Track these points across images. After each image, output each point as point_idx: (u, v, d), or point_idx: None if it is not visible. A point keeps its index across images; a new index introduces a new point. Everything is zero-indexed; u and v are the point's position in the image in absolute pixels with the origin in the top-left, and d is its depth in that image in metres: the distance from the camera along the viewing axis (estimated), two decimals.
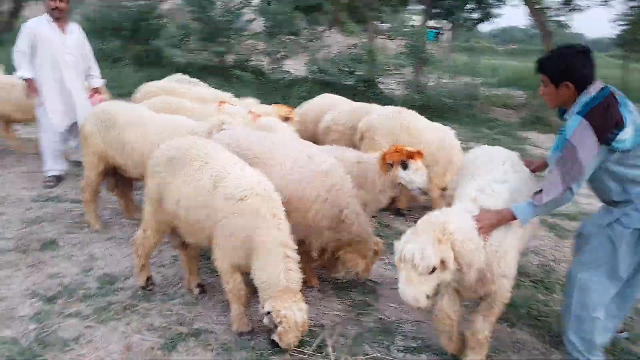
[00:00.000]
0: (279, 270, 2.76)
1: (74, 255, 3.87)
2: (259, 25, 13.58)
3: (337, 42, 13.24)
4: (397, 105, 10.46)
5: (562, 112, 2.75)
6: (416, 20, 14.09)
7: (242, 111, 4.72)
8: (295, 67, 12.80)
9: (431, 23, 16.13)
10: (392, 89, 12.33)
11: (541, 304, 3.70)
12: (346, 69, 11.46)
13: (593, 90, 2.53)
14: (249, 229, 2.81)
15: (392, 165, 3.43)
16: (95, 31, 13.01)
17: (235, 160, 3.07)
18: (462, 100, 11.11)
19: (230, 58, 12.80)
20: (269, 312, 2.76)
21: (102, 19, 12.80)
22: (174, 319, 3.17)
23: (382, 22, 14.12)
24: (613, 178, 2.59)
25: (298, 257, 2.89)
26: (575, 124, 2.46)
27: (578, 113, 2.49)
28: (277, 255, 2.79)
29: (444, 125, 5.14)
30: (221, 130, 3.78)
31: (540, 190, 2.56)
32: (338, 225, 3.33)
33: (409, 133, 4.82)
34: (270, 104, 5.92)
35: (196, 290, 3.46)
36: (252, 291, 2.95)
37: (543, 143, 9.57)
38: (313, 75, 11.47)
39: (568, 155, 2.46)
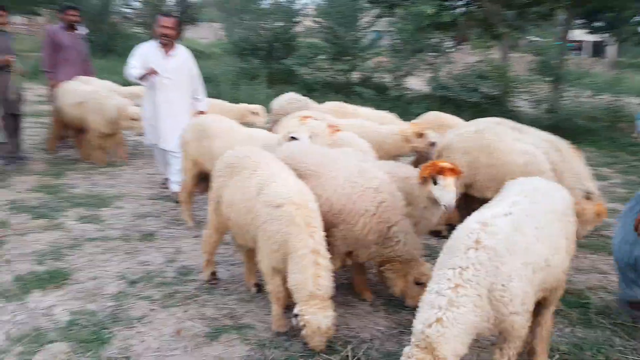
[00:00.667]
0: (308, 276, 2.89)
1: (165, 247, 4.44)
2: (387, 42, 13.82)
3: (462, 58, 12.87)
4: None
5: None
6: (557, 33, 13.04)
7: (322, 126, 4.94)
8: (419, 84, 12.72)
9: (576, 34, 14.70)
10: (520, 107, 11.58)
11: (614, 351, 3.28)
12: (470, 85, 11.08)
13: None
14: (284, 235, 2.99)
15: (425, 179, 3.34)
16: (239, 52, 14.54)
17: (282, 170, 3.28)
18: (600, 121, 9.99)
19: (354, 75, 13.21)
20: (296, 315, 2.91)
21: (244, 41, 14.17)
22: (226, 312, 3.47)
23: (518, 38, 13.35)
24: None
25: (330, 266, 2.99)
26: None
27: None
28: (307, 261, 2.92)
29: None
30: (290, 140, 4.06)
31: None
32: (385, 241, 3.35)
33: (488, 153, 4.57)
34: None
35: (253, 289, 3.74)
36: None
37: None
38: (434, 91, 11.30)
39: None
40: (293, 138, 4.16)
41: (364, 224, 3.31)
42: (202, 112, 5.59)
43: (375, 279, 3.81)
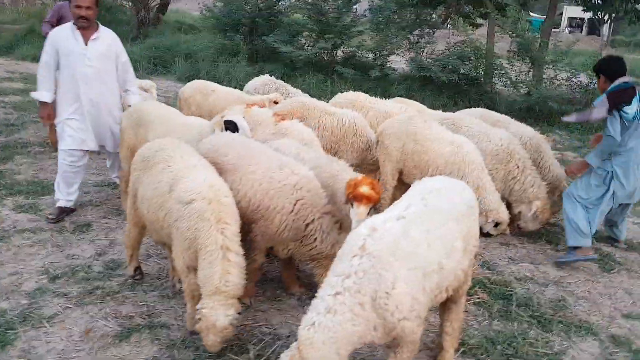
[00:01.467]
0: (214, 272, 2.79)
1: (98, 239, 4.33)
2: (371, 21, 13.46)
3: (443, 38, 12.57)
4: (500, 107, 9.74)
5: None
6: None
7: (267, 113, 4.79)
8: (401, 64, 12.46)
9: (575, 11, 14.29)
10: (499, 89, 11.38)
11: (526, 344, 3.26)
12: (450, 66, 10.82)
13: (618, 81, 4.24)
14: (195, 231, 2.88)
15: (347, 197, 3.16)
16: (221, 28, 14.18)
17: (197, 164, 3.15)
18: (576, 104, 9.81)
19: (337, 54, 12.92)
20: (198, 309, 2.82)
21: (227, 16, 13.81)
22: (144, 310, 3.39)
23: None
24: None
25: (242, 263, 2.90)
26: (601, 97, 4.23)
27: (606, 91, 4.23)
28: (215, 257, 2.82)
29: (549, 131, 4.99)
30: (222, 129, 3.92)
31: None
32: (303, 238, 3.25)
33: (415, 141, 4.52)
34: None
35: (178, 285, 3.64)
36: None
37: None
38: (414, 72, 11.05)
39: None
40: (229, 123, 4.00)
41: (280, 221, 3.21)
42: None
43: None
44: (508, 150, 4.81)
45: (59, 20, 6.75)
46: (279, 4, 14.16)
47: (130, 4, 18.96)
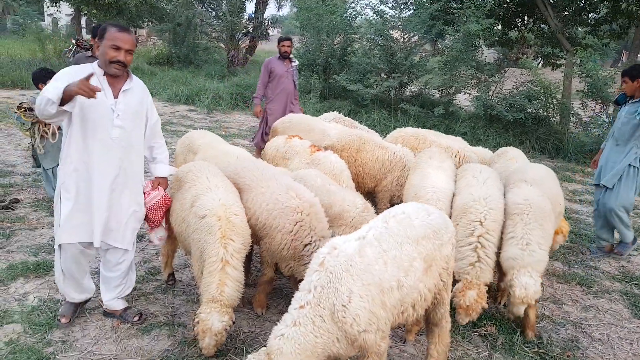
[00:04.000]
0: (212, 281, 3.19)
1: (148, 248, 4.94)
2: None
3: (514, 76, 12.42)
4: (568, 147, 9.43)
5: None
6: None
7: (305, 144, 5.22)
8: (467, 102, 12.48)
9: None
10: (569, 130, 11.00)
11: None
12: (517, 105, 10.71)
13: None
14: (203, 243, 3.32)
15: None
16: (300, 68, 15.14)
17: (218, 184, 3.61)
18: None
19: (404, 92, 13.25)
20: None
21: (303, 57, 14.73)
22: (169, 310, 3.88)
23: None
24: None
25: (239, 278, 3.28)
26: None
27: None
28: (215, 268, 3.22)
29: None
30: None
31: None
32: (300, 258, 3.56)
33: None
34: None
35: None
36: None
37: None
38: (477, 110, 11.04)
39: None
40: None
41: (280, 239, 3.55)
42: (162, 180, 3.76)
43: None
44: None
45: (269, 77, 7.67)
46: (353, 44, 14.89)
47: (223, 46, 20.79)
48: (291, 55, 7.85)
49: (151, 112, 3.60)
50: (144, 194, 3.63)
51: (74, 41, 20.72)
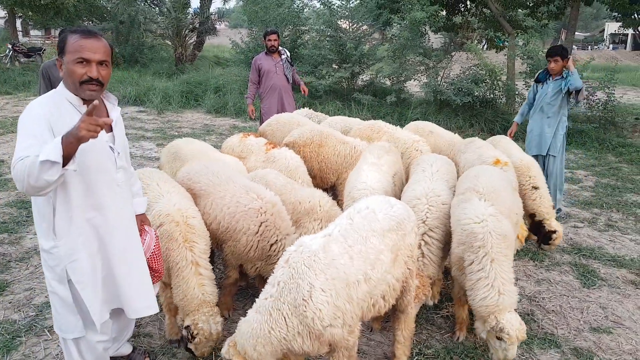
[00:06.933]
0: (192, 286, 3.18)
1: None
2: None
3: (459, 61, 12.78)
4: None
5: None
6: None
7: (260, 142, 5.21)
8: (417, 88, 12.74)
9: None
10: (515, 111, 11.43)
11: (484, 355, 3.42)
12: (464, 90, 11.02)
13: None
14: (166, 251, 3.27)
15: None
16: (248, 62, 14.97)
17: (169, 191, 3.57)
18: (593, 122, 9.79)
19: (356, 82, 13.39)
20: (187, 326, 3.17)
21: (252, 51, 14.58)
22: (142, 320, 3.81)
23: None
24: None
25: (212, 275, 3.31)
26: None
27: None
28: (188, 273, 3.21)
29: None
30: None
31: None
32: (268, 258, 3.59)
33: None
34: None
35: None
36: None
37: None
38: (429, 96, 11.31)
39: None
40: None
41: (246, 241, 3.56)
42: (144, 217, 3.03)
43: None
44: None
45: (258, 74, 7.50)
46: (302, 36, 14.87)
47: (169, 42, 20.33)
48: (280, 48, 7.62)
49: (125, 138, 2.78)
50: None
51: (10, 46, 19.85)
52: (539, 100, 6.02)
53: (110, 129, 2.56)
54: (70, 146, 2.02)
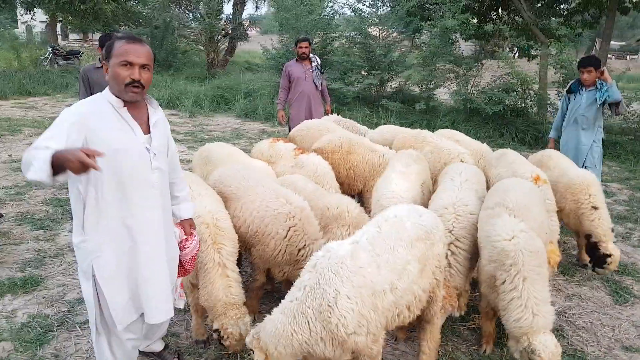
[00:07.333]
0: (218, 287, 3.24)
1: None
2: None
3: (490, 70, 12.62)
4: (545, 137, 9.60)
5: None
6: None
7: (289, 147, 5.26)
8: (447, 96, 12.64)
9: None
10: (547, 120, 11.22)
11: None
12: (495, 98, 10.88)
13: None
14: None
15: None
16: (278, 68, 15.12)
17: (201, 193, 3.64)
18: (628, 133, 9.53)
19: (384, 88, 13.37)
20: (216, 330, 3.22)
21: (283, 57, 14.73)
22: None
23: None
24: None
25: (238, 277, 3.36)
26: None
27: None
28: (215, 274, 3.27)
29: None
30: None
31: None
32: (295, 262, 3.61)
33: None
34: None
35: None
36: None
37: None
38: (457, 104, 11.21)
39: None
40: None
41: (275, 245, 3.59)
42: (189, 226, 3.11)
43: None
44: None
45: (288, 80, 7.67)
46: (332, 43, 14.95)
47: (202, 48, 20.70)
48: (311, 55, 7.67)
49: (171, 143, 2.87)
50: (180, 243, 3.02)
51: (50, 49, 20.57)
52: (572, 111, 5.84)
53: (148, 130, 2.62)
54: (60, 163, 2.03)
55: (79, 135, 2.34)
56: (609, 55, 11.23)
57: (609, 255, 4.49)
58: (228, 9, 20.54)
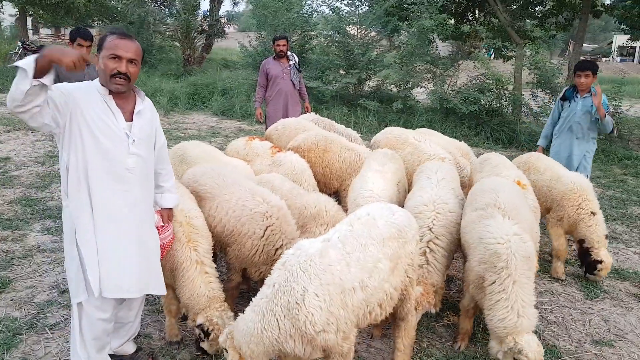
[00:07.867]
0: (199, 284, 3.21)
1: None
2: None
3: (467, 69, 12.81)
4: (520, 137, 9.77)
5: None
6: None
7: (266, 146, 5.22)
8: (424, 95, 12.76)
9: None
10: (522, 120, 11.43)
11: None
12: (471, 98, 11.03)
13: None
14: (170, 252, 3.29)
15: None
16: (255, 65, 15.02)
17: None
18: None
19: (362, 87, 13.42)
20: (200, 325, 3.18)
21: (260, 54, 14.65)
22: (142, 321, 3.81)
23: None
24: None
25: (216, 273, 3.36)
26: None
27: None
28: (194, 272, 3.24)
29: None
30: None
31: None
32: (273, 262, 3.56)
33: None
34: None
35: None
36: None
37: None
38: (435, 104, 11.33)
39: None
40: None
41: (252, 245, 3.56)
42: (170, 212, 3.25)
43: None
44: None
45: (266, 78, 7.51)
46: (310, 41, 14.93)
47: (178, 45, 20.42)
48: (289, 53, 7.61)
49: (159, 134, 3.04)
50: (157, 229, 3.11)
51: (20, 44, 19.99)
52: (566, 119, 5.65)
53: (132, 118, 2.82)
54: (46, 61, 2.40)
55: (66, 99, 2.61)
56: (581, 58, 11.45)
57: (600, 262, 4.57)
58: (205, 5, 20.32)
